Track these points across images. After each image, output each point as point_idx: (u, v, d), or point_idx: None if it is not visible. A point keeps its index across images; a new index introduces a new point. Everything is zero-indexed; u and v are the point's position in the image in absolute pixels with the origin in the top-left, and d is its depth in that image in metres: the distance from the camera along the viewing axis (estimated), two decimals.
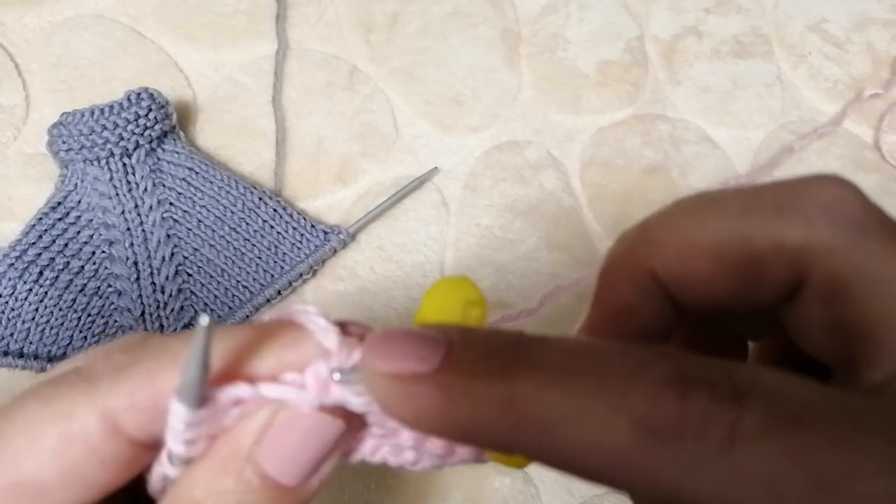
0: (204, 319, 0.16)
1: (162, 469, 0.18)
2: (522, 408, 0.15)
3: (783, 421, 0.14)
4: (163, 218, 0.45)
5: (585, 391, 0.15)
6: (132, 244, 0.44)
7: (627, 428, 0.14)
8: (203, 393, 0.17)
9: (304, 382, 0.18)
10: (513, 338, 0.16)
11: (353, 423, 0.18)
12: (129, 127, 0.44)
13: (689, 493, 0.14)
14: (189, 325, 0.44)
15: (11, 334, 0.42)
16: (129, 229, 0.45)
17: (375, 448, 0.19)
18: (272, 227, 0.46)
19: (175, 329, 0.43)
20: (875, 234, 0.17)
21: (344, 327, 0.19)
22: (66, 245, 0.44)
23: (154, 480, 0.19)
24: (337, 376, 0.17)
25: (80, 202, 0.45)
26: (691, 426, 0.14)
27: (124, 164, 0.45)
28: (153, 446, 0.18)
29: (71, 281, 0.43)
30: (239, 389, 0.17)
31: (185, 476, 0.18)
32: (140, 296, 0.44)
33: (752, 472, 0.14)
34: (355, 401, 0.18)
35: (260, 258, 0.45)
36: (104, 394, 0.17)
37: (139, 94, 0.45)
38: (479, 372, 0.16)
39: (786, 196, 0.18)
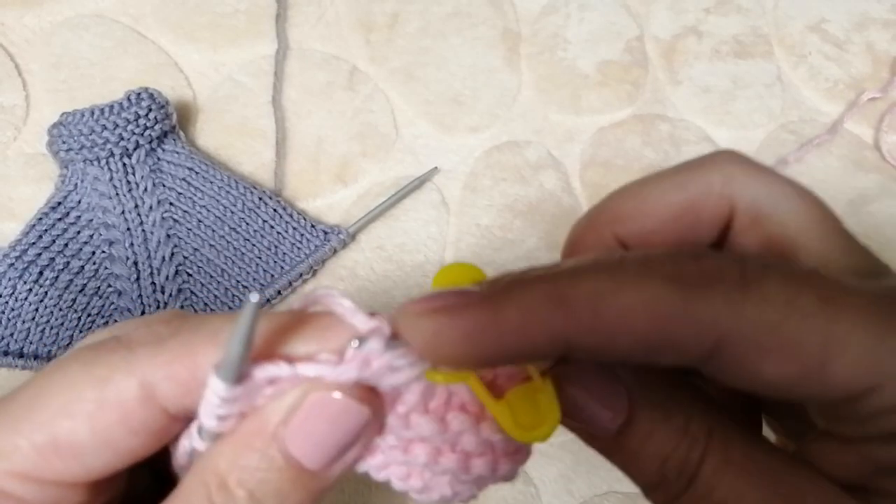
0: (254, 297, 0.17)
1: (189, 443, 0.19)
2: (571, 294, 0.17)
3: (775, 265, 0.18)
4: (163, 218, 0.45)
5: (618, 270, 0.17)
6: (132, 244, 0.44)
7: (662, 284, 0.17)
8: (242, 370, 0.17)
9: (340, 359, 0.18)
10: (544, 266, 0.18)
11: (378, 415, 0.19)
12: (129, 127, 0.44)
13: (726, 328, 0.17)
14: None
15: (11, 334, 0.42)
16: (129, 229, 0.45)
17: (384, 464, 0.19)
18: (272, 227, 0.45)
19: None
20: (769, 172, 0.21)
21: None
22: (66, 245, 0.44)
23: (179, 454, 0.19)
24: (356, 343, 0.18)
25: (80, 202, 0.45)
26: (712, 275, 0.17)
27: (124, 164, 0.45)
28: (183, 419, 0.19)
29: (71, 281, 0.43)
30: (277, 368, 0.18)
31: (210, 449, 0.18)
32: (140, 296, 0.44)
33: (769, 298, 0.17)
34: (399, 363, 0.18)
35: (260, 258, 0.45)
36: (143, 362, 0.18)
37: (139, 94, 0.45)
38: (523, 283, 0.17)
39: (701, 159, 0.22)
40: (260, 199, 0.46)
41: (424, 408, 0.19)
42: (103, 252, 0.44)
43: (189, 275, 0.45)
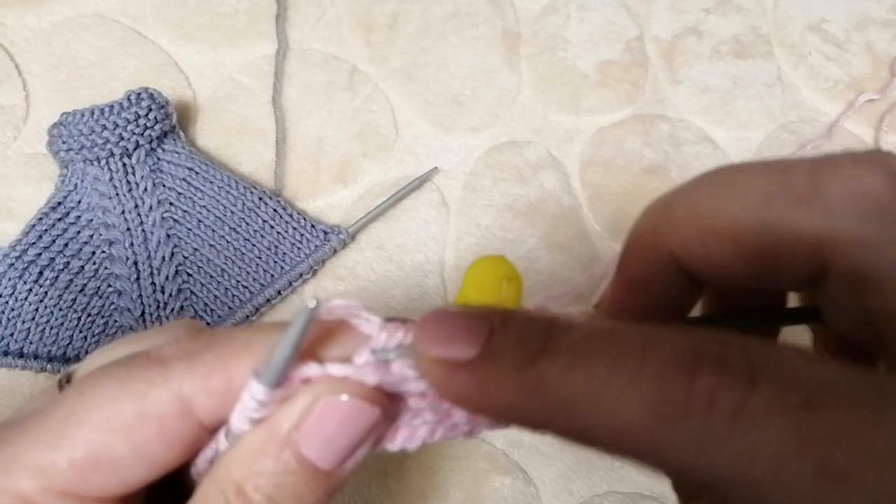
0: (311, 303, 0.18)
1: (214, 448, 0.19)
2: (547, 392, 0.16)
3: (794, 401, 0.14)
4: (163, 218, 0.45)
5: (601, 374, 0.16)
6: (132, 244, 0.44)
7: (639, 406, 0.15)
8: (284, 374, 0.18)
9: (367, 361, 0.19)
10: (543, 325, 0.17)
11: (389, 413, 0.19)
12: (130, 127, 0.44)
13: (695, 469, 0.15)
14: None
15: (11, 334, 0.42)
16: (129, 229, 0.45)
17: (411, 434, 0.20)
18: (272, 227, 0.46)
19: None
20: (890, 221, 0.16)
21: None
22: (66, 245, 0.44)
23: (200, 461, 0.20)
24: (369, 356, 0.19)
25: (80, 202, 0.45)
26: (698, 403, 0.14)
27: (124, 164, 0.45)
28: (213, 430, 0.19)
29: (71, 281, 0.43)
30: (309, 368, 0.18)
31: (225, 456, 0.19)
32: (140, 296, 0.44)
33: (757, 452, 0.14)
34: (411, 374, 0.19)
35: (260, 258, 0.45)
36: (179, 377, 0.18)
37: (139, 94, 0.45)
38: (511, 360, 0.17)
39: (808, 182, 0.17)
40: (260, 199, 0.46)
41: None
42: (103, 252, 0.44)
43: (189, 275, 0.45)
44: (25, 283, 0.42)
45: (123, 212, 0.45)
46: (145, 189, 0.45)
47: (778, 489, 0.14)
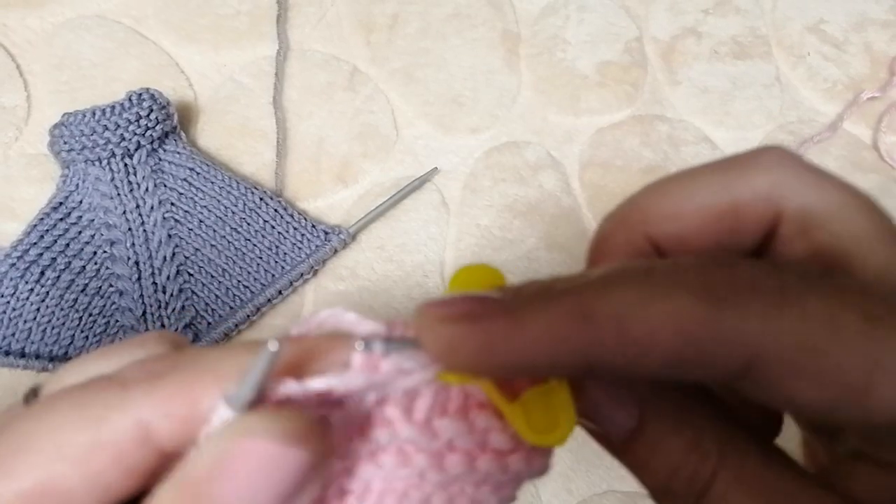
0: (273, 345, 0.16)
1: None
2: (595, 308, 0.16)
3: (817, 276, 0.16)
4: (164, 218, 0.45)
5: (647, 283, 0.16)
6: (133, 244, 0.45)
7: (691, 299, 0.16)
8: (255, 399, 0.16)
9: (350, 367, 0.17)
10: (565, 276, 0.17)
11: (328, 454, 0.17)
12: (131, 127, 0.44)
13: (759, 347, 0.16)
14: (190, 325, 0.44)
15: (13, 334, 0.42)
16: (130, 229, 0.45)
17: (424, 499, 0.18)
18: (273, 227, 0.46)
19: (176, 329, 0.43)
20: (820, 173, 0.20)
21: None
22: (67, 245, 0.44)
23: None
24: (361, 345, 0.17)
25: (81, 202, 0.45)
26: (746, 287, 0.16)
27: (126, 165, 0.45)
28: (177, 455, 0.18)
29: (72, 281, 0.43)
30: (286, 386, 0.17)
31: (150, 499, 0.17)
32: (141, 296, 0.44)
33: (809, 315, 0.16)
34: (408, 364, 0.17)
35: (261, 258, 0.45)
36: (139, 400, 0.17)
37: (140, 94, 0.45)
38: (546, 294, 0.17)
39: (747, 155, 0.21)
40: (261, 199, 0.46)
41: (444, 410, 0.18)
42: (105, 252, 0.44)
43: (190, 275, 0.45)
44: (27, 283, 0.43)
45: (125, 212, 0.45)
46: (146, 189, 0.45)
47: (834, 343, 0.16)
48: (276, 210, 0.46)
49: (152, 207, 0.45)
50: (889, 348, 0.16)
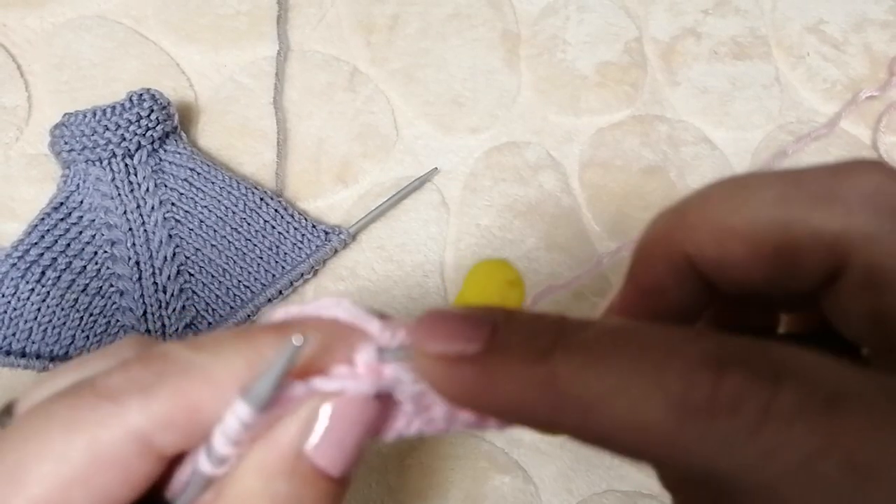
0: (297, 340, 0.17)
1: (198, 468, 0.18)
2: (562, 388, 0.16)
3: (819, 401, 0.14)
4: (164, 218, 0.45)
5: (622, 371, 0.15)
6: (134, 244, 0.45)
7: (662, 406, 0.15)
8: (273, 396, 0.17)
9: (355, 370, 0.18)
10: (554, 321, 0.17)
11: (387, 406, 0.19)
12: (131, 128, 0.45)
13: (721, 470, 0.14)
14: (191, 325, 0.44)
15: (14, 334, 0.42)
16: (131, 229, 0.45)
17: (408, 423, 0.20)
18: (273, 227, 0.46)
19: (177, 329, 0.43)
20: None
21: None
22: (68, 245, 0.44)
23: (175, 483, 0.19)
24: (369, 359, 0.18)
25: (82, 202, 0.45)
26: (724, 404, 0.14)
27: (126, 165, 0.45)
28: (179, 458, 0.18)
29: (73, 281, 0.43)
30: (294, 388, 0.18)
31: (232, 484, 0.18)
32: (142, 296, 0.44)
33: (785, 451, 0.14)
34: (407, 378, 0.18)
35: (261, 258, 0.45)
36: (134, 413, 0.17)
37: (141, 94, 0.45)
38: (521, 354, 0.16)
39: (825, 183, 0.18)
40: (261, 199, 0.46)
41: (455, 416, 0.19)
42: (105, 252, 0.44)
43: (191, 275, 0.45)
44: (28, 283, 0.43)
45: (125, 212, 0.45)
46: (147, 189, 0.45)
47: (804, 488, 0.14)
48: (276, 210, 0.46)
49: (153, 207, 0.45)
50: None
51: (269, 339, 0.18)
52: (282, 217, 0.46)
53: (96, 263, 0.44)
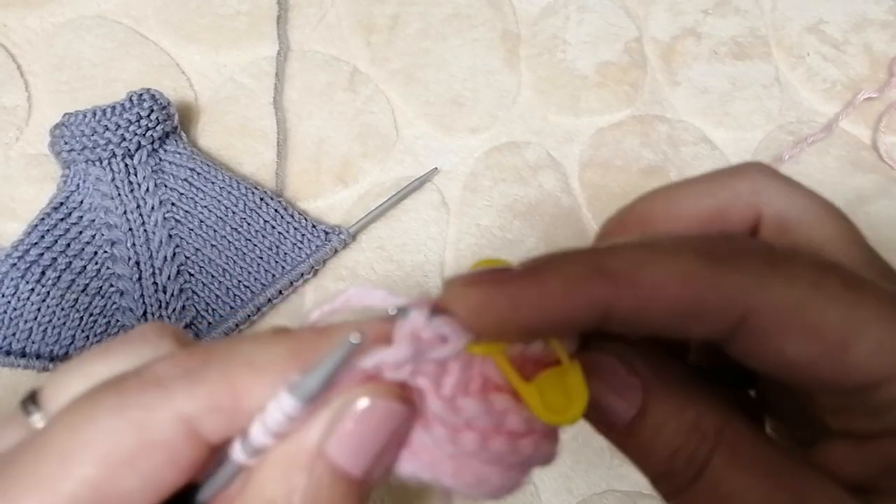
0: (355, 337, 0.17)
1: (233, 459, 0.18)
2: (610, 265, 0.18)
3: (806, 250, 0.19)
4: (164, 218, 0.45)
5: (654, 245, 0.19)
6: (134, 244, 0.45)
7: (695, 257, 0.18)
8: (320, 392, 0.18)
9: (391, 341, 0.18)
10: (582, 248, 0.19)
11: (412, 411, 0.19)
12: (131, 128, 0.45)
13: (752, 303, 0.18)
14: (191, 325, 0.44)
15: (14, 334, 0.42)
16: (131, 229, 0.45)
17: (432, 462, 0.19)
18: (273, 227, 0.46)
19: None
20: (794, 184, 0.22)
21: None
22: (68, 245, 0.44)
23: (209, 475, 0.19)
24: (394, 310, 0.18)
25: (82, 202, 0.45)
26: (742, 251, 0.19)
27: (126, 165, 0.45)
28: (220, 447, 0.19)
29: (73, 281, 0.43)
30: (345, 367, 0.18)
31: (255, 476, 0.18)
32: (142, 295, 0.44)
33: (796, 277, 0.18)
34: (445, 330, 0.18)
35: (261, 258, 0.45)
36: (182, 399, 0.18)
37: (141, 94, 0.45)
38: (562, 255, 0.18)
39: (731, 169, 0.23)
40: (261, 199, 0.46)
41: (466, 390, 0.19)
42: (105, 252, 0.44)
43: (191, 275, 0.45)
44: (28, 283, 0.43)
45: (125, 212, 0.45)
46: (147, 189, 0.45)
47: (817, 302, 0.18)
48: (276, 210, 0.46)
49: (153, 207, 0.45)
50: (865, 311, 0.18)
51: (308, 332, 0.19)
52: (282, 217, 0.46)
53: (96, 263, 0.44)
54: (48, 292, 0.43)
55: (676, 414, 0.20)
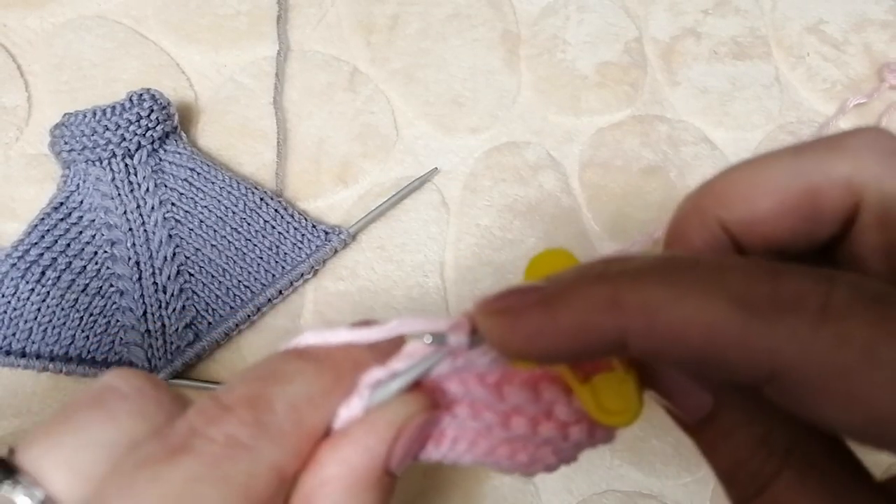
0: (437, 347, 0.19)
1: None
2: (625, 298, 0.16)
3: (868, 297, 0.15)
4: (164, 218, 0.45)
5: (684, 278, 0.16)
6: (134, 244, 0.45)
7: (726, 304, 0.16)
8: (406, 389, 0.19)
9: (446, 338, 0.19)
10: (602, 260, 0.18)
11: (441, 413, 0.20)
12: (131, 128, 0.45)
13: (786, 363, 0.15)
14: (190, 325, 0.44)
15: (14, 334, 0.42)
16: (131, 229, 0.45)
17: (490, 449, 0.21)
18: (273, 227, 0.46)
19: (177, 329, 0.43)
20: None
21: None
22: (68, 245, 0.44)
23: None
24: (428, 339, 0.19)
25: (82, 202, 0.45)
26: (786, 301, 0.15)
27: (126, 165, 0.45)
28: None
29: (73, 281, 0.44)
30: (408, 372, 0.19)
31: (323, 490, 0.19)
32: (142, 295, 0.44)
33: (847, 340, 0.15)
34: (482, 359, 0.19)
35: (261, 258, 0.45)
36: (268, 453, 0.18)
37: (141, 94, 0.45)
38: (580, 283, 0.17)
39: (833, 138, 0.19)
40: (261, 199, 0.46)
41: (511, 380, 0.20)
42: (105, 252, 0.45)
43: (191, 275, 0.45)
44: (28, 283, 0.43)
45: (125, 212, 0.45)
46: (147, 189, 0.45)
47: (868, 372, 0.15)
48: (276, 210, 0.46)
49: (153, 207, 0.45)
50: None
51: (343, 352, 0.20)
52: (282, 217, 0.46)
53: (96, 263, 0.44)
54: (48, 292, 0.43)
55: (745, 425, 0.19)
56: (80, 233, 0.45)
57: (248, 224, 0.46)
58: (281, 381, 0.19)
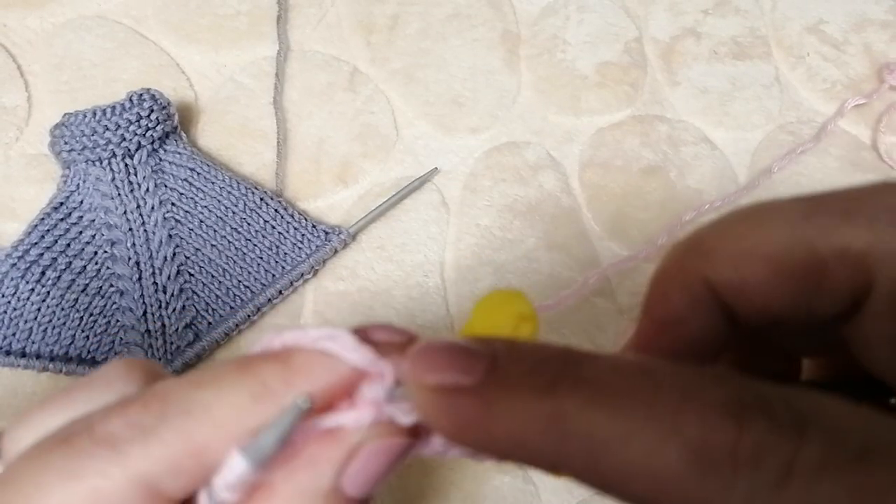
0: (304, 402, 0.17)
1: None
2: (569, 426, 0.14)
3: (846, 456, 0.13)
4: (164, 218, 0.45)
5: (635, 413, 0.14)
6: (134, 244, 0.45)
7: (678, 454, 0.14)
8: (271, 458, 0.17)
9: (358, 407, 0.18)
10: (560, 352, 0.16)
11: (416, 440, 0.19)
12: (131, 128, 0.45)
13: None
14: (190, 325, 0.44)
15: (14, 334, 0.42)
16: (131, 229, 0.45)
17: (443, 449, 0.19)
18: (273, 227, 0.46)
19: (177, 329, 0.43)
20: None
21: (367, 334, 0.18)
22: (68, 245, 0.44)
23: None
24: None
25: (82, 202, 0.45)
26: (746, 456, 0.13)
27: (126, 165, 0.45)
28: (187, 499, 0.18)
29: (73, 281, 0.44)
30: (302, 426, 0.17)
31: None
32: (142, 295, 0.44)
33: (815, 499, 0.13)
34: (405, 418, 0.18)
35: (261, 258, 0.45)
36: (137, 460, 0.16)
37: (141, 94, 0.45)
38: (524, 386, 0.15)
39: (849, 200, 0.17)
40: (261, 199, 0.46)
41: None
42: (105, 252, 0.45)
43: (191, 275, 0.45)
44: (28, 283, 0.43)
45: (125, 212, 0.45)
46: (147, 189, 0.45)
47: None
48: (276, 210, 0.46)
49: (153, 207, 0.45)
50: None
51: (271, 369, 0.17)
52: (282, 217, 0.46)
53: (96, 263, 0.44)
54: (48, 292, 0.43)
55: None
56: (80, 233, 0.45)
57: (248, 224, 0.46)
58: (196, 385, 0.17)
